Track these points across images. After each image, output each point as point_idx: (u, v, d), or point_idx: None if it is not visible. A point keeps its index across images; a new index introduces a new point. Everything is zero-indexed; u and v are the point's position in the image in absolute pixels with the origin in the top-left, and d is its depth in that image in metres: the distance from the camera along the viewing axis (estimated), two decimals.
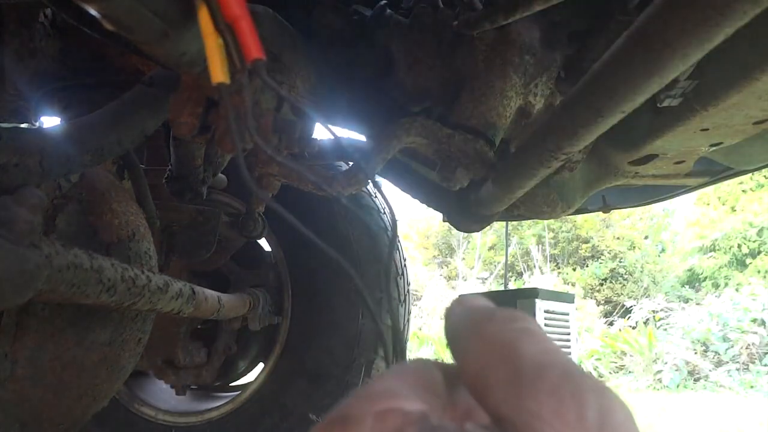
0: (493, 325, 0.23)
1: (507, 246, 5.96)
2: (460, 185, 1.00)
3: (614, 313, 9.69)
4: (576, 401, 0.19)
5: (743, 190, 9.99)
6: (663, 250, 11.54)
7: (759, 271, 8.77)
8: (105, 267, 0.68)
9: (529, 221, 8.61)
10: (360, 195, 1.73)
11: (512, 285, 9.85)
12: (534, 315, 2.34)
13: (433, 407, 0.22)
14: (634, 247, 11.25)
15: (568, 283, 10.94)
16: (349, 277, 1.12)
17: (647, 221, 11.76)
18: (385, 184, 1.30)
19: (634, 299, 9.34)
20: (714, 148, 0.88)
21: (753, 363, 6.47)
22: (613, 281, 10.74)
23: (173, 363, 1.66)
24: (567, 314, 2.49)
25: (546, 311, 2.37)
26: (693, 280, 10.18)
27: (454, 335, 0.24)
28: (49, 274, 0.59)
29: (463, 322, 0.24)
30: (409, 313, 1.83)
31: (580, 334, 7.83)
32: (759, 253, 9.15)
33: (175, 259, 1.40)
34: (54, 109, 1.12)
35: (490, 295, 3.45)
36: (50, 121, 1.21)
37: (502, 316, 0.23)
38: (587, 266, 11.28)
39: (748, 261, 9.24)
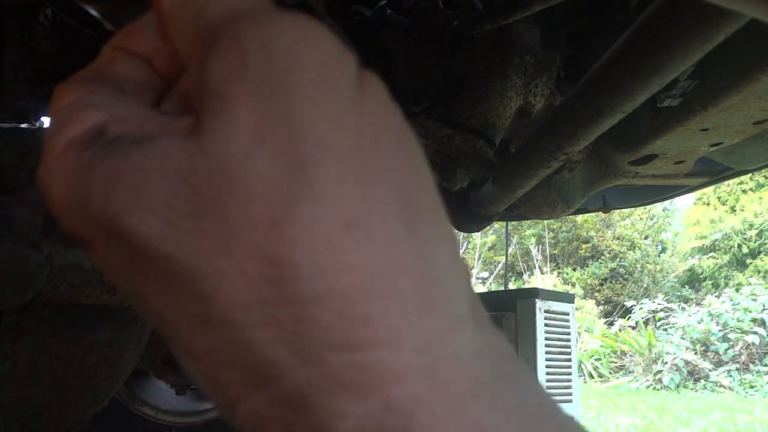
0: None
1: (507, 246, 5.96)
2: (460, 185, 1.00)
3: (614, 313, 9.70)
4: (235, 41, 0.16)
5: (743, 190, 9.99)
6: (663, 250, 11.54)
7: (759, 271, 8.78)
8: None
9: (529, 221, 8.61)
10: None
11: (512, 285, 9.85)
12: (534, 315, 2.34)
13: (123, 102, 0.19)
14: (634, 247, 11.25)
15: (568, 283, 10.94)
16: None
17: (647, 221, 11.76)
18: None
19: (634, 299, 9.34)
20: (714, 148, 0.88)
21: (753, 363, 6.47)
22: (613, 281, 10.74)
23: (173, 363, 1.66)
24: (567, 314, 2.49)
25: (546, 311, 2.37)
26: (693, 280, 10.19)
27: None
28: (49, 274, 0.59)
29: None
30: None
31: (580, 334, 7.83)
32: (759, 253, 9.15)
33: None
34: None
35: (491, 295, 3.45)
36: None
37: None
38: (587, 266, 11.27)
39: (748, 261, 9.24)
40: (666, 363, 6.77)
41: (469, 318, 0.16)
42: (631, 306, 8.75)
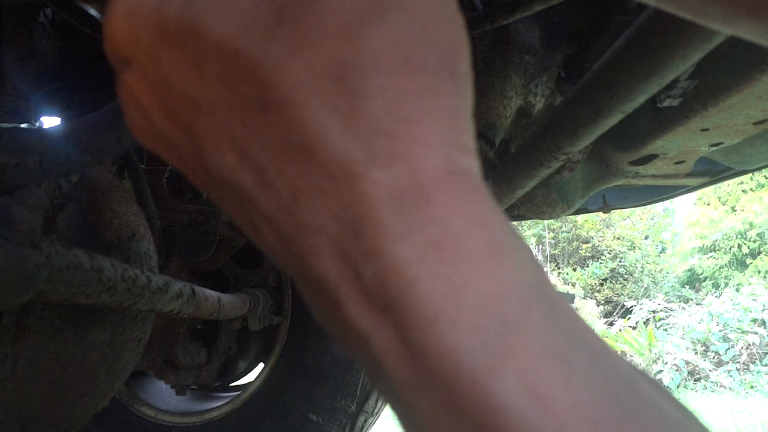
0: None
1: None
2: None
3: (614, 313, 9.69)
4: None
5: (743, 190, 9.99)
6: (663, 250, 11.54)
7: (759, 271, 8.77)
8: (105, 267, 0.68)
9: (529, 221, 8.61)
10: None
11: None
12: None
13: None
14: (634, 247, 11.24)
15: (568, 283, 10.93)
16: None
17: (647, 221, 11.75)
18: None
19: (634, 299, 9.34)
20: (714, 148, 0.88)
21: (753, 363, 6.47)
22: (613, 281, 10.74)
23: (173, 363, 1.66)
24: None
25: None
26: (693, 280, 10.18)
27: None
28: (49, 274, 0.59)
29: None
30: None
31: None
32: (759, 253, 9.14)
33: (176, 259, 1.40)
34: (54, 109, 1.12)
35: None
36: (50, 121, 1.21)
37: None
38: (587, 266, 11.27)
39: (748, 261, 9.24)
40: (666, 363, 6.77)
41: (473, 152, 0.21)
42: (632, 306, 8.74)
